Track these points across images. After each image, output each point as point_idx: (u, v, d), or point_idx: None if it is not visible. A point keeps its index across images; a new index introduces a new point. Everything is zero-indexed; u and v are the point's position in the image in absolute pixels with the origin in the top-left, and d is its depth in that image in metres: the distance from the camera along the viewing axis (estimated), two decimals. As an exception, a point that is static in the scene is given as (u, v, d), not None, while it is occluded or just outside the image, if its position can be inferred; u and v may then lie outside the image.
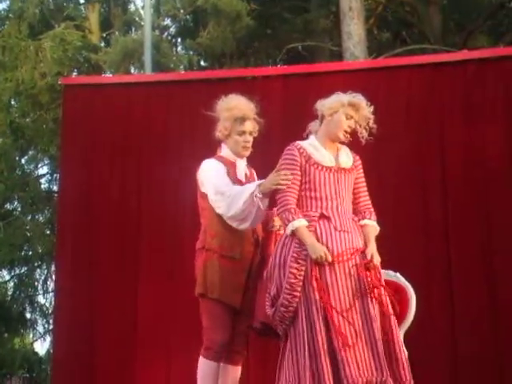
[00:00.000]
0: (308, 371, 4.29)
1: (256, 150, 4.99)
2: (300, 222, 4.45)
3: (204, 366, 4.80)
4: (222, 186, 4.75)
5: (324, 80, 6.59)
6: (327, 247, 4.43)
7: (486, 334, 6.05)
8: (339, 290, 4.39)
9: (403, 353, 4.41)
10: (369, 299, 4.40)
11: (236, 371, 4.92)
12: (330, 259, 4.38)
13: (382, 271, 4.74)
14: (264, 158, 5.14)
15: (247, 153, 4.92)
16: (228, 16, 12.88)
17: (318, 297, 4.36)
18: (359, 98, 4.60)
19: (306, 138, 4.68)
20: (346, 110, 4.56)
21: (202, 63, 15.30)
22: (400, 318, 5.10)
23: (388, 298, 4.47)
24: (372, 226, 4.64)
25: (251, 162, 5.01)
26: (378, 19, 15.09)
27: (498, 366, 6.03)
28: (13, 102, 14.87)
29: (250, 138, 4.90)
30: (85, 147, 6.90)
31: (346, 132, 4.59)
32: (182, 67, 14.47)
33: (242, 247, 4.79)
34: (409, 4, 14.69)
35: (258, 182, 4.73)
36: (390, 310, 4.45)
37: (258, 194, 4.62)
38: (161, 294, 6.54)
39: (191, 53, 15.06)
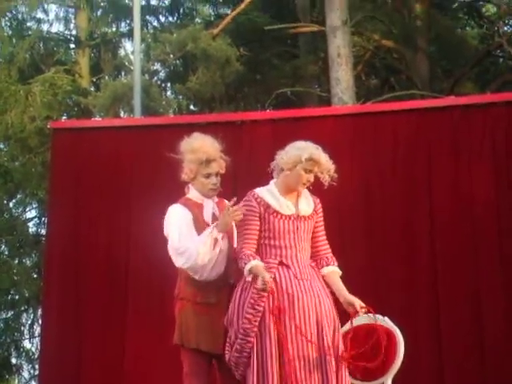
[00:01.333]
0: None
1: (244, 195, 4.98)
2: (255, 261, 4.44)
3: None
4: (182, 244, 4.67)
5: (313, 124, 6.62)
6: (287, 293, 4.41)
7: (474, 376, 6.02)
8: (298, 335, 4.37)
9: None
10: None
11: None
12: (267, 290, 4.32)
13: (370, 315, 4.75)
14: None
15: (215, 193, 4.86)
16: (217, 61, 12.97)
17: (273, 341, 4.32)
18: (317, 153, 4.55)
19: (271, 174, 4.64)
20: (304, 165, 4.53)
21: (192, 107, 15.38)
22: (388, 363, 5.08)
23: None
24: (338, 273, 4.66)
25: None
26: (366, 65, 15.24)
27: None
28: (1, 146, 14.89)
29: (217, 180, 4.82)
30: (73, 191, 6.89)
31: (304, 184, 4.59)
32: (171, 111, 14.54)
33: (217, 291, 4.70)
34: (396, 51, 14.85)
35: (213, 224, 4.68)
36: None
37: (217, 234, 4.58)
38: (148, 339, 6.49)
39: (180, 97, 15.14)
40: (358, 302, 4.51)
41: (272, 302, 4.40)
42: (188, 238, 4.69)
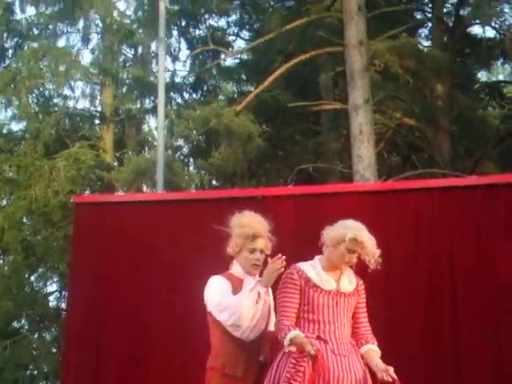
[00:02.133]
0: None
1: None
2: (294, 332, 4.42)
3: None
4: (223, 301, 4.71)
5: (335, 201, 6.62)
6: (323, 368, 4.37)
7: None
8: None
9: None
10: None
11: None
12: (312, 352, 4.29)
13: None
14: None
15: (257, 270, 4.89)
16: (240, 137, 13.09)
17: None
18: (363, 235, 4.55)
19: (321, 246, 4.64)
20: (347, 245, 4.55)
21: (214, 182, 15.49)
22: None
23: None
24: (374, 350, 4.62)
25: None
26: (387, 143, 15.33)
27: None
28: (25, 220, 15.01)
29: (261, 256, 4.87)
30: (94, 265, 6.89)
31: (346, 263, 4.58)
32: (193, 186, 14.64)
33: (246, 366, 4.71)
34: (418, 129, 14.94)
35: (255, 278, 4.70)
36: None
37: (261, 289, 4.59)
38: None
39: (203, 172, 15.27)
40: (391, 369, 4.44)
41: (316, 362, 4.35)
42: (227, 297, 4.71)
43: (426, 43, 16.30)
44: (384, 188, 7.25)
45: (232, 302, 4.67)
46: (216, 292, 4.78)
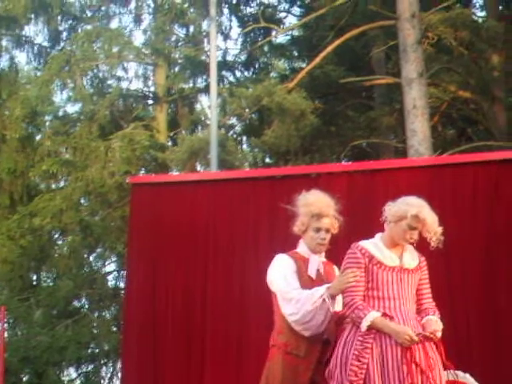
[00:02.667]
0: None
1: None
2: (374, 314, 4.45)
3: None
4: (290, 290, 4.70)
5: (389, 177, 6.58)
6: (387, 344, 4.42)
7: None
8: None
9: None
10: None
11: None
12: (416, 339, 4.35)
13: (451, 372, 4.66)
14: (330, 255, 5.10)
15: (323, 249, 4.89)
16: (293, 114, 13.06)
17: None
18: (425, 212, 4.52)
19: (383, 223, 4.64)
20: (409, 222, 4.52)
21: (267, 160, 15.49)
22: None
23: None
24: (435, 321, 4.60)
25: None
26: (442, 116, 15.14)
27: None
28: (82, 201, 15.22)
29: (327, 235, 4.85)
30: (151, 244, 6.97)
31: (407, 240, 4.57)
32: (246, 164, 14.66)
33: (308, 345, 4.71)
34: (473, 101, 14.72)
35: (327, 285, 4.71)
36: None
37: (327, 298, 4.61)
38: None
39: (256, 150, 15.28)
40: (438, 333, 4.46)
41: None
42: (294, 286, 4.73)
43: (481, 13, 16.03)
44: (439, 162, 7.18)
45: (297, 298, 4.66)
46: (281, 275, 4.76)
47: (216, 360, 6.57)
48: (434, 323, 4.58)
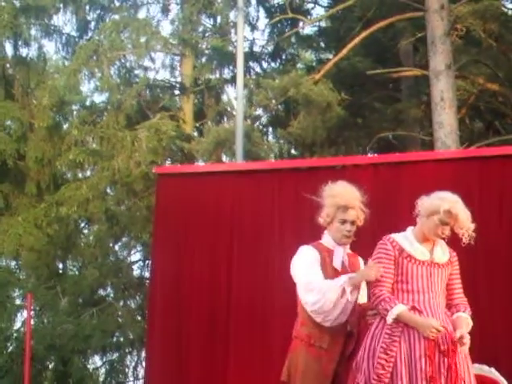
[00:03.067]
0: None
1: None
2: (400, 307, 4.44)
3: None
4: (311, 280, 4.71)
5: (415, 169, 6.55)
6: (415, 338, 4.43)
7: None
8: None
9: None
10: None
11: None
12: (441, 329, 4.36)
13: (476, 366, 4.65)
14: (354, 246, 5.10)
15: (348, 241, 4.88)
16: (319, 106, 13.03)
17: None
18: (458, 207, 4.52)
19: (415, 217, 4.63)
20: (441, 217, 4.51)
21: (293, 152, 15.47)
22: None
23: None
24: (465, 318, 4.57)
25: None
26: (470, 109, 15.03)
27: None
28: (108, 191, 15.29)
29: (352, 228, 4.84)
30: (176, 234, 7.00)
31: (438, 235, 4.55)
32: (272, 156, 14.66)
33: (331, 337, 4.72)
34: (502, 94, 14.60)
35: (349, 274, 4.70)
36: None
37: (348, 287, 4.59)
38: (251, 379, 6.48)
39: (282, 142, 15.26)
40: (458, 334, 4.45)
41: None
42: (317, 276, 4.73)
43: (510, 5, 15.87)
44: (466, 155, 7.13)
45: (319, 287, 4.65)
46: (304, 266, 4.76)
47: (240, 348, 6.60)
48: (464, 321, 4.56)
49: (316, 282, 4.69)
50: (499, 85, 14.18)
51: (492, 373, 5.13)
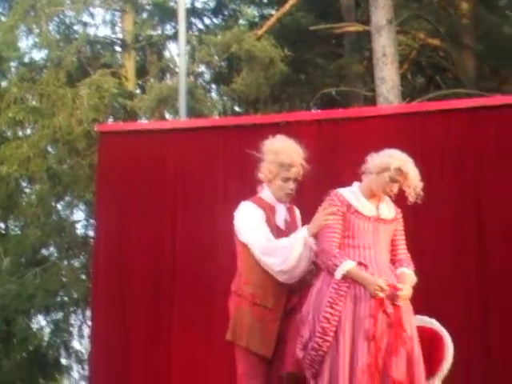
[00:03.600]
0: None
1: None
2: (350, 264, 4.49)
3: None
4: (269, 241, 4.69)
5: (358, 125, 6.58)
6: (361, 294, 4.49)
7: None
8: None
9: None
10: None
11: None
12: (386, 289, 4.42)
13: (418, 317, 4.74)
14: (297, 203, 5.12)
15: (289, 199, 4.89)
16: (262, 62, 12.98)
17: (347, 340, 4.39)
18: (408, 166, 4.56)
19: (362, 173, 4.67)
20: (391, 174, 4.55)
21: (237, 108, 15.42)
22: (436, 366, 5.04)
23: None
24: (409, 275, 4.65)
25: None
26: (411, 64, 15.12)
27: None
28: (50, 149, 15.07)
29: (294, 185, 4.84)
30: (120, 193, 6.95)
31: (386, 193, 4.59)
32: (216, 113, 14.59)
33: (275, 296, 4.73)
34: (443, 49, 14.72)
35: (305, 227, 4.71)
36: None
37: (310, 238, 4.61)
38: (196, 337, 6.51)
39: (225, 98, 15.19)
40: (400, 292, 4.52)
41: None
42: (269, 236, 4.72)
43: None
44: (408, 110, 7.18)
45: (280, 247, 4.66)
46: (254, 226, 4.71)
47: (185, 307, 6.61)
48: (408, 277, 4.63)
49: (274, 242, 4.68)
50: (440, 40, 14.29)
51: (433, 323, 5.22)
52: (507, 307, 6.05)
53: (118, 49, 16.94)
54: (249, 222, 4.75)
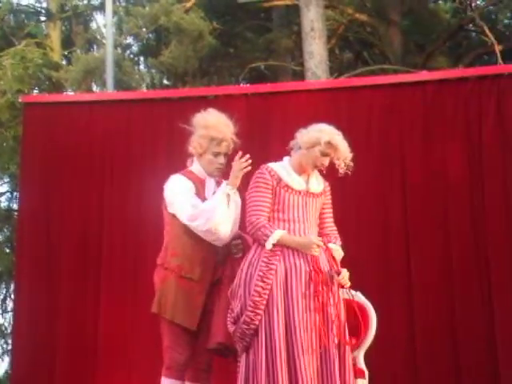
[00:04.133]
0: None
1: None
2: (280, 231, 4.53)
3: None
4: (194, 211, 4.69)
5: (286, 99, 6.62)
6: (295, 265, 4.51)
7: (446, 351, 6.09)
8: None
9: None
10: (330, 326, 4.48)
11: None
12: (321, 244, 4.51)
13: (343, 290, 4.82)
14: (227, 176, 5.12)
15: (220, 173, 4.89)
16: (190, 35, 12.90)
17: (280, 312, 4.44)
18: (338, 139, 4.62)
19: (288, 153, 4.71)
20: (322, 148, 4.60)
21: (165, 81, 15.30)
22: (361, 337, 5.13)
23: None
24: (336, 250, 4.72)
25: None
26: (339, 39, 15.22)
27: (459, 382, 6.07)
28: (-28, 120, 14.74)
29: (225, 160, 4.84)
30: (45, 165, 6.84)
31: (317, 167, 4.65)
32: (144, 85, 14.46)
33: (201, 268, 4.75)
34: (370, 25, 14.84)
35: (224, 183, 4.72)
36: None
37: (231, 190, 4.63)
38: (123, 310, 6.49)
39: (153, 71, 15.06)
40: (346, 273, 4.61)
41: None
42: (198, 204, 4.72)
43: None
44: (336, 85, 7.25)
45: (205, 208, 4.66)
46: (186, 202, 4.71)
47: (112, 281, 6.58)
48: (336, 252, 4.72)
49: (199, 208, 4.69)
50: (367, 15, 14.41)
51: (358, 296, 5.32)
52: (429, 274, 6.18)
53: (42, 18, 16.63)
54: (179, 195, 4.75)
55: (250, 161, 4.62)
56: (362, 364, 5.16)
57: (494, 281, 6.06)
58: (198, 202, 4.72)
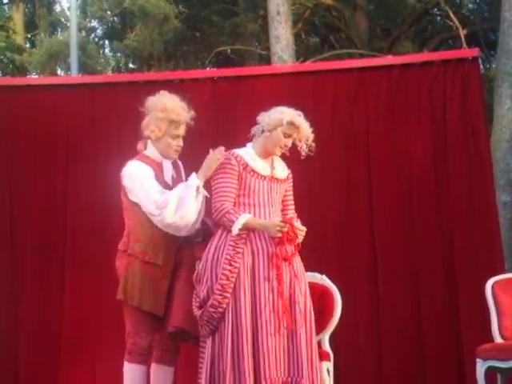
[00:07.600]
0: (230, 372, 4.41)
1: (185, 154, 4.98)
2: (246, 216, 4.57)
3: (129, 370, 4.78)
4: (160, 199, 4.67)
5: (253, 83, 6.62)
6: (262, 249, 4.54)
7: (411, 334, 6.15)
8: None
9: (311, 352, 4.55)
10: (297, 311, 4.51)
11: (170, 372, 4.87)
12: (284, 225, 4.52)
13: (309, 274, 4.86)
14: (193, 161, 5.11)
15: (177, 155, 4.89)
16: (156, 18, 12.84)
17: (247, 295, 4.47)
18: (299, 119, 4.68)
19: (250, 140, 4.75)
20: (284, 129, 4.66)
21: (131, 65, 15.22)
22: (326, 320, 5.18)
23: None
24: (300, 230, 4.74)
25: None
26: (305, 24, 15.23)
27: (423, 364, 6.13)
28: None
29: (181, 142, 4.87)
30: (7, 150, 6.76)
31: (281, 148, 4.67)
32: (109, 69, 14.37)
33: (165, 253, 4.75)
34: (336, 9, 14.87)
35: (194, 174, 4.71)
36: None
37: (199, 182, 4.62)
38: (87, 297, 6.46)
39: (119, 55, 14.98)
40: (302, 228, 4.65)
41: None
42: (163, 191, 4.70)
43: None
44: (301, 69, 7.26)
45: (173, 199, 4.65)
46: (149, 189, 4.69)
47: (78, 269, 6.53)
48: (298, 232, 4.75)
49: (167, 197, 4.67)
50: None
51: (323, 280, 5.36)
52: (394, 257, 6.23)
53: (5, 1, 16.43)
54: (139, 181, 4.73)
55: (224, 153, 4.62)
56: (327, 347, 5.20)
57: (457, 255, 6.13)
58: (159, 188, 4.71)
